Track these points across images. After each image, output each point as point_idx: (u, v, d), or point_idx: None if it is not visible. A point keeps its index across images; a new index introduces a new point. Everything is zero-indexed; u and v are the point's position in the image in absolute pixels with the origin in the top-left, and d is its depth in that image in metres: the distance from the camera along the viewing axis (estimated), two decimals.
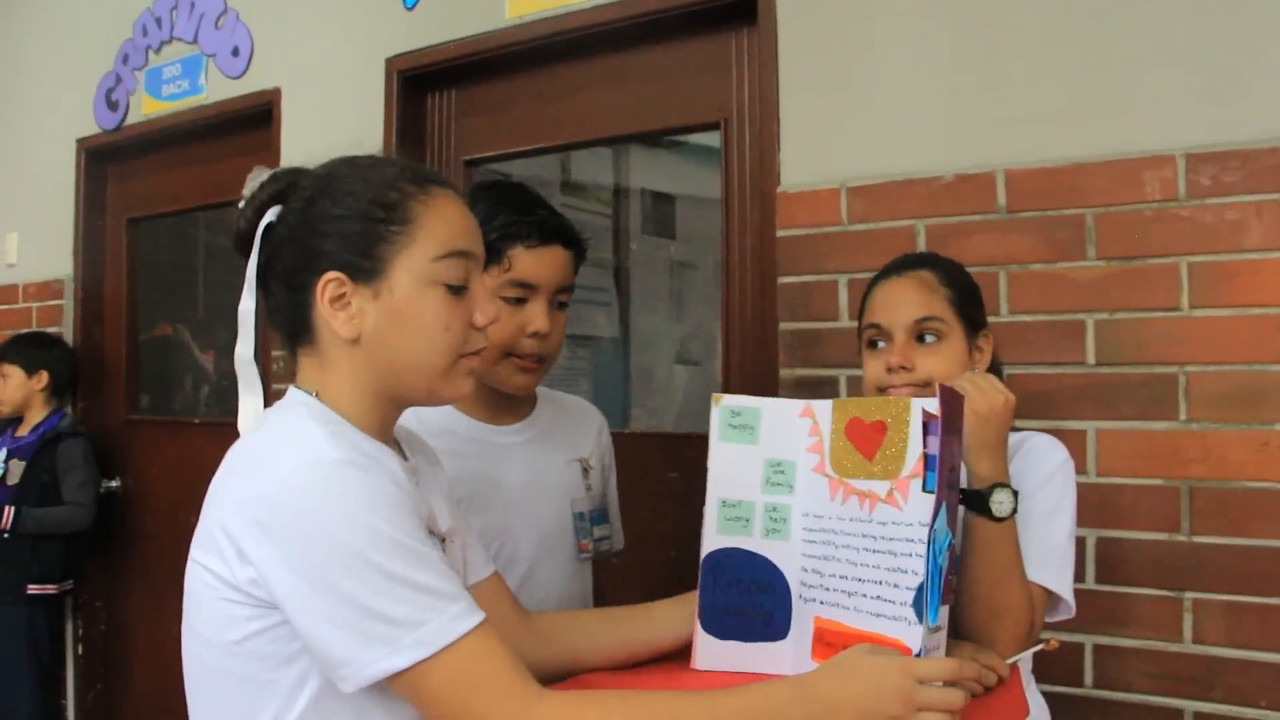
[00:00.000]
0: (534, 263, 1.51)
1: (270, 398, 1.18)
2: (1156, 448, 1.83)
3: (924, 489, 1.11)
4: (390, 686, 0.98)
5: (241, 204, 1.15)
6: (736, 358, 2.33)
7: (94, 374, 3.68)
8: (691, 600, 1.31)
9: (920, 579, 1.09)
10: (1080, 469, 1.81)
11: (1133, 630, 1.84)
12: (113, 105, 3.53)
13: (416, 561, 0.98)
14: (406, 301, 1.09)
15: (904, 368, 1.44)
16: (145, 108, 3.44)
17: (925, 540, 1.10)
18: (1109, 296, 1.86)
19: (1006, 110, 1.96)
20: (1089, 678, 1.87)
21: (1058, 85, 1.92)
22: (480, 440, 1.60)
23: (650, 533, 2.39)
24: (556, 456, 1.68)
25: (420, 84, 2.80)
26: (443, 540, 1.18)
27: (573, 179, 3.69)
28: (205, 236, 3.90)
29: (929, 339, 1.45)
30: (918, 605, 1.09)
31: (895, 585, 1.15)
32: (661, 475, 2.44)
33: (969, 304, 1.50)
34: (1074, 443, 1.82)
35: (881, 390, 1.46)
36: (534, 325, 1.51)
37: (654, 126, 2.52)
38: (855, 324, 1.99)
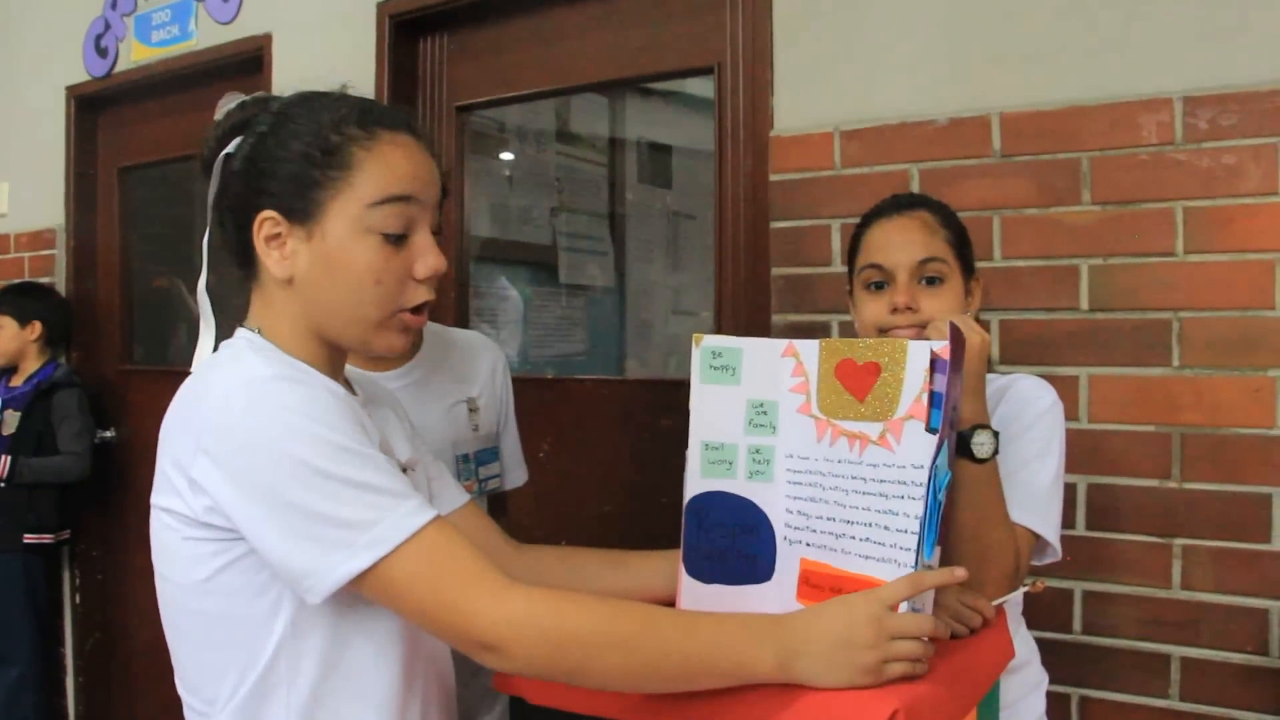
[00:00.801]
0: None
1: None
2: (1149, 394, 1.82)
3: (928, 428, 1.10)
4: (359, 591, 0.98)
5: (208, 131, 1.14)
6: (728, 303, 2.32)
7: (88, 324, 3.67)
8: None
9: (917, 520, 1.09)
10: (1072, 415, 1.82)
11: (1122, 576, 1.85)
12: (102, 52, 3.49)
13: (362, 463, 0.98)
14: (338, 248, 1.07)
15: (910, 308, 1.41)
16: (135, 54, 3.40)
17: (923, 483, 1.09)
18: (1103, 241, 1.84)
19: (1001, 52, 1.93)
20: (1078, 623, 1.88)
21: (1053, 27, 1.88)
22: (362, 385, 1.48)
23: (644, 481, 2.40)
24: (437, 401, 1.65)
25: (412, 28, 2.76)
26: (403, 470, 1.16)
27: (569, 128, 3.66)
28: (200, 187, 3.87)
29: (934, 281, 1.43)
30: (918, 547, 1.08)
31: (886, 528, 1.14)
32: (654, 423, 2.43)
33: (964, 246, 1.49)
34: (1066, 388, 1.82)
35: (882, 331, 1.44)
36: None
37: (647, 71, 2.48)
38: (846, 269, 1.99)
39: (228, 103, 1.14)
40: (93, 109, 3.64)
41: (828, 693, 1.00)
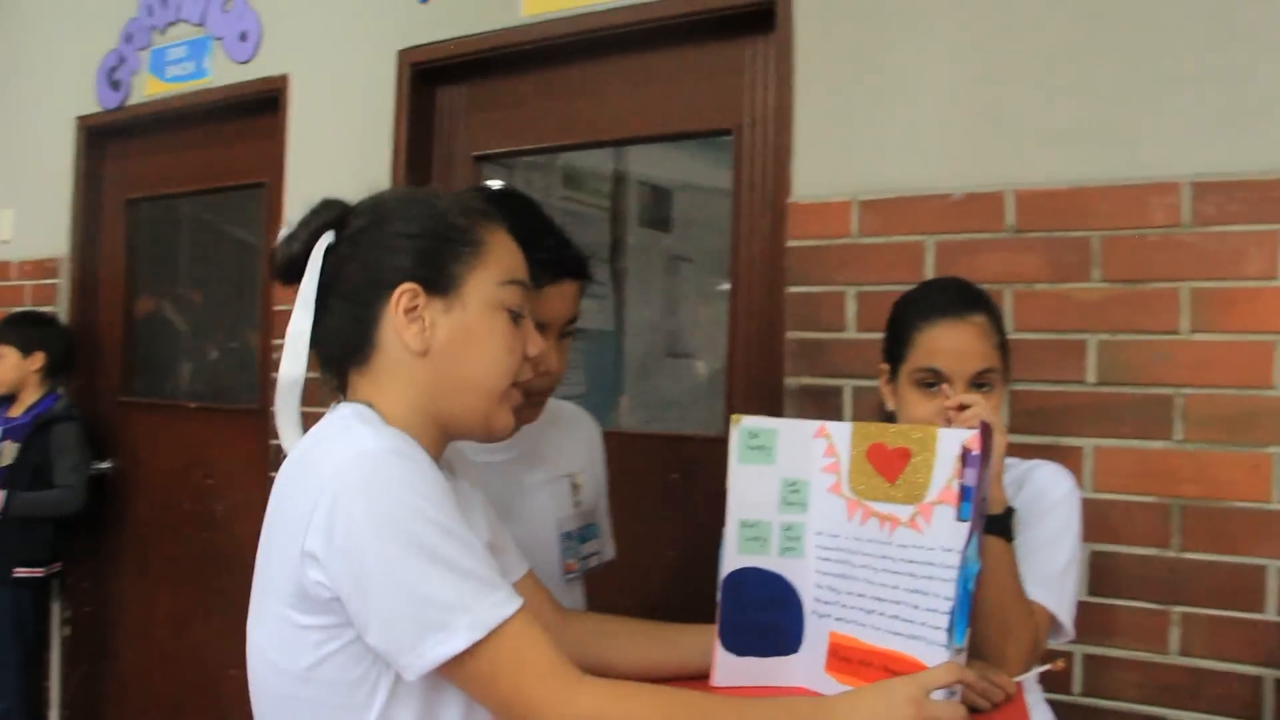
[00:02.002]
0: (545, 300, 1.42)
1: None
2: (1151, 466, 1.89)
3: (959, 518, 1.16)
4: (444, 674, 1.03)
5: (287, 231, 1.19)
6: (741, 364, 2.38)
7: (88, 354, 3.68)
8: None
9: (951, 603, 1.15)
10: (1077, 484, 1.88)
11: (1121, 641, 1.91)
12: (115, 85, 3.52)
13: (461, 547, 1.03)
14: (478, 319, 1.15)
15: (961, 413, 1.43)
16: (149, 89, 3.43)
17: (955, 565, 1.15)
18: (1111, 318, 1.91)
19: (1018, 130, 2.00)
20: (1078, 686, 1.94)
21: (1068, 107, 1.96)
22: (464, 459, 1.46)
23: (649, 534, 2.43)
24: (541, 475, 1.64)
25: (432, 77, 2.81)
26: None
27: (574, 171, 3.72)
28: (194, 215, 3.87)
29: (984, 388, 1.47)
30: (949, 629, 1.14)
31: (915, 606, 1.20)
32: (661, 476, 2.48)
33: (1007, 350, 1.54)
34: (1072, 459, 1.90)
35: None
36: (544, 363, 1.34)
37: (666, 131, 2.54)
38: (862, 336, 2.05)
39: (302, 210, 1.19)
40: (102, 140, 3.67)
41: None
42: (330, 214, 1.18)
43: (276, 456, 2.89)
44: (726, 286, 2.96)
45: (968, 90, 2.06)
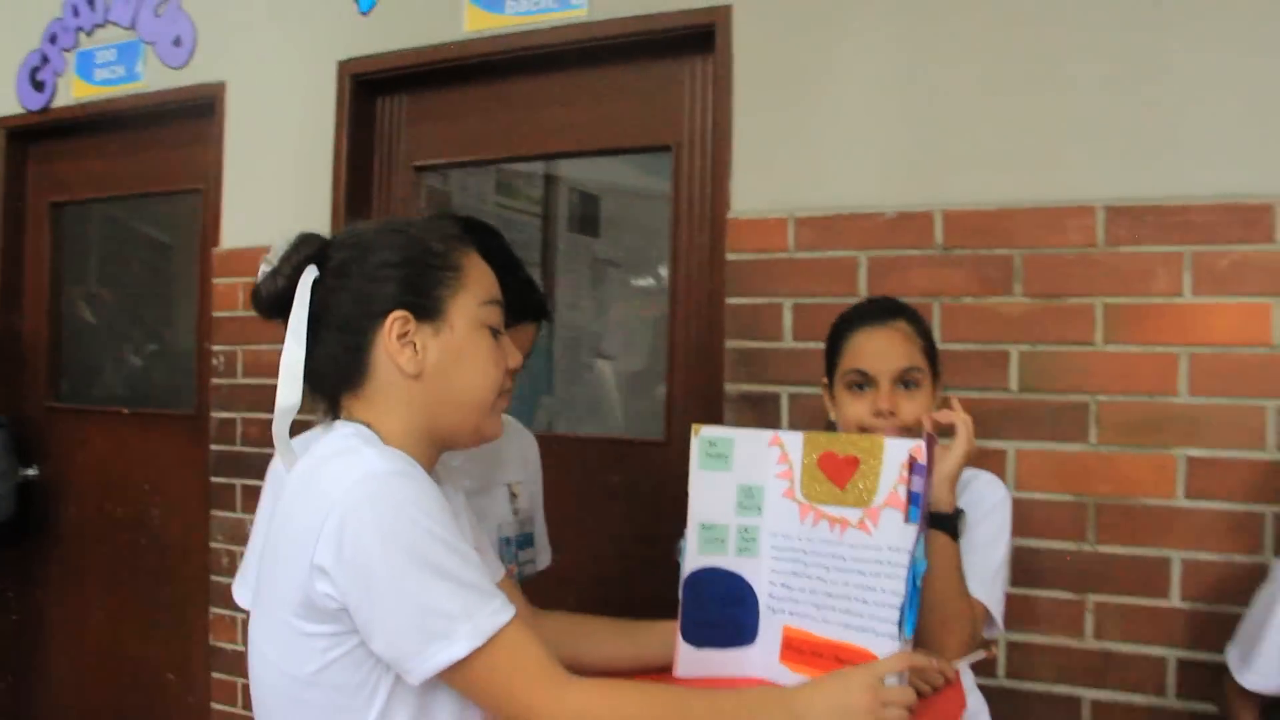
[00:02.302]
0: (520, 335, 1.54)
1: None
2: (1068, 467, 2.04)
3: (907, 521, 1.27)
4: (445, 679, 1.10)
5: (268, 268, 1.23)
6: (681, 371, 2.47)
7: (13, 358, 3.62)
8: None
9: (900, 598, 1.25)
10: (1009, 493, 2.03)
11: (1042, 627, 2.06)
12: (38, 86, 3.47)
13: (461, 560, 1.10)
14: (465, 339, 1.22)
15: (892, 413, 1.57)
16: (75, 91, 3.39)
17: (904, 564, 1.26)
18: (1032, 330, 2.06)
19: (947, 154, 2.14)
20: (1003, 670, 2.08)
21: (995, 134, 2.10)
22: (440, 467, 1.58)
23: (591, 534, 2.51)
24: (481, 484, 1.73)
25: (372, 88, 2.85)
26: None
27: (507, 180, 3.78)
28: (106, 214, 3.81)
29: (911, 386, 1.60)
30: (900, 622, 1.25)
31: (864, 601, 1.31)
32: (601, 479, 2.56)
33: (934, 352, 1.66)
34: (996, 460, 2.04)
35: (863, 429, 1.59)
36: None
37: (605, 146, 2.61)
38: (799, 345, 2.15)
39: (280, 246, 1.24)
40: (24, 142, 3.61)
41: None
42: (310, 249, 1.23)
43: (217, 462, 2.92)
44: (646, 283, 3.06)
45: (900, 114, 2.18)
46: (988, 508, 1.63)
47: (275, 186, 2.93)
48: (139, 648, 3.30)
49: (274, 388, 2.86)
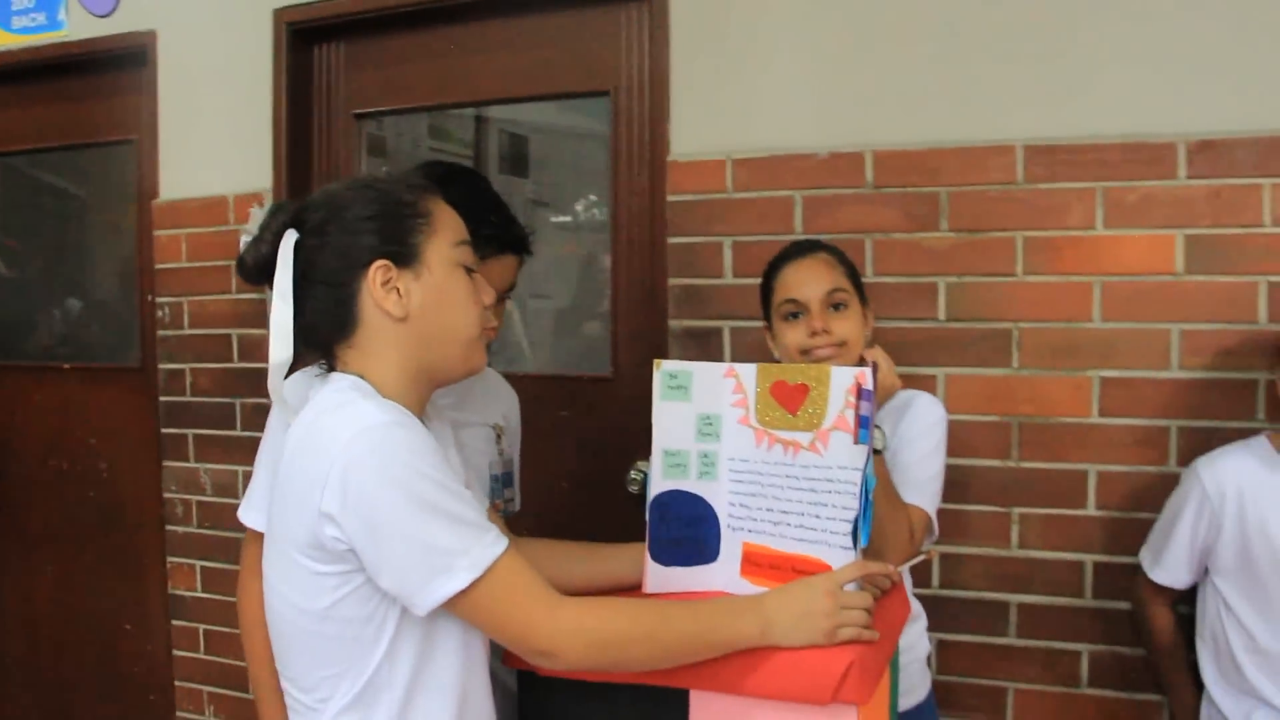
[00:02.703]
0: (487, 270, 1.57)
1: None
2: (993, 390, 2.19)
3: (857, 442, 1.38)
4: (448, 608, 1.20)
5: (249, 237, 1.32)
6: (625, 309, 2.56)
7: None
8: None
9: (853, 512, 1.38)
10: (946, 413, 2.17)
11: (971, 539, 2.22)
12: None
13: (457, 500, 1.20)
14: (443, 280, 1.31)
15: (825, 331, 1.73)
16: None
17: (856, 481, 1.38)
18: (958, 263, 2.20)
19: (877, 97, 2.24)
20: (936, 580, 2.25)
21: (921, 77, 2.21)
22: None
23: (547, 465, 2.60)
24: (472, 423, 1.83)
25: (308, 36, 2.85)
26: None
27: (440, 124, 3.81)
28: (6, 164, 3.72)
29: (839, 308, 1.76)
30: (853, 534, 1.37)
31: (817, 516, 1.42)
32: (552, 414, 2.65)
33: (857, 278, 1.83)
34: (926, 385, 2.18)
35: (804, 353, 1.75)
36: (486, 298, 1.50)
37: (543, 91, 2.68)
38: (738, 281, 2.27)
39: (258, 213, 1.31)
40: None
41: (799, 651, 1.30)
42: (287, 214, 1.31)
43: (168, 413, 2.96)
44: (575, 220, 3.14)
45: (832, 58, 2.28)
46: (927, 425, 1.78)
47: (213, 137, 2.93)
48: (94, 601, 3.33)
49: (222, 337, 2.93)
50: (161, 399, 3.03)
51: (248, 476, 2.75)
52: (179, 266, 2.97)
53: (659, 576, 1.53)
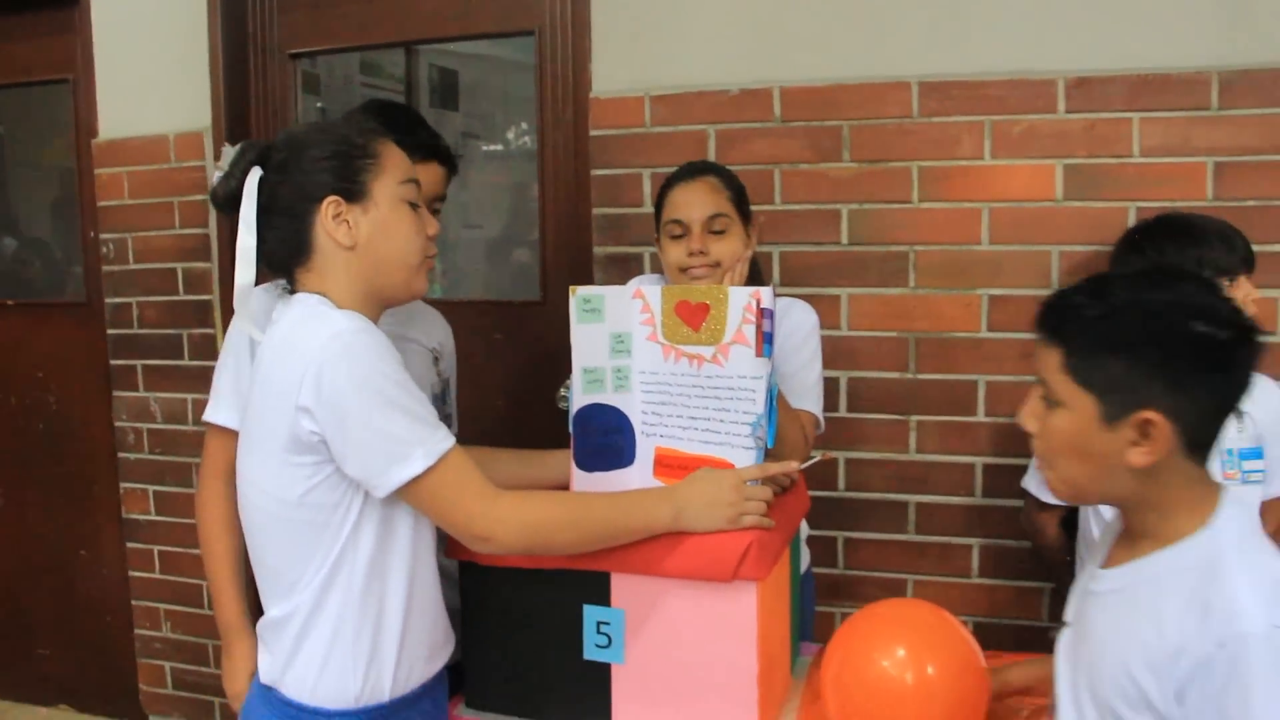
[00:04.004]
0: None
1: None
2: (892, 309, 2.37)
3: (759, 355, 1.53)
4: (402, 495, 1.37)
5: (220, 174, 1.45)
6: (552, 238, 2.71)
7: None
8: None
9: (754, 416, 1.54)
10: (835, 325, 2.36)
11: (873, 446, 2.42)
12: None
13: (413, 400, 1.36)
14: (389, 213, 1.46)
15: (702, 252, 1.88)
16: None
17: (756, 390, 1.53)
18: (859, 191, 2.37)
19: (784, 36, 2.38)
20: (842, 483, 2.45)
21: (825, 19, 2.36)
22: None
23: (483, 384, 2.75)
24: (412, 346, 1.99)
25: None
26: None
27: (371, 59, 3.87)
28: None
29: (719, 232, 1.90)
30: (756, 433, 1.53)
31: (721, 421, 1.57)
32: (486, 337, 2.80)
33: (743, 201, 1.96)
34: (830, 305, 2.35)
35: (683, 270, 1.90)
36: (430, 230, 1.75)
37: (471, 31, 2.78)
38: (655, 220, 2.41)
39: (229, 152, 1.45)
40: None
41: (705, 536, 1.48)
42: (254, 153, 1.45)
43: (116, 345, 3.05)
44: (503, 149, 3.25)
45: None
46: (805, 332, 1.96)
47: (151, 77, 3.00)
48: (48, 528, 3.44)
49: (168, 271, 3.03)
50: (110, 332, 3.12)
51: (196, 404, 2.94)
52: (122, 204, 3.05)
53: (584, 481, 1.68)
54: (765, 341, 1.54)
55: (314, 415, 1.33)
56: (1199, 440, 1.15)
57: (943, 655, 1.44)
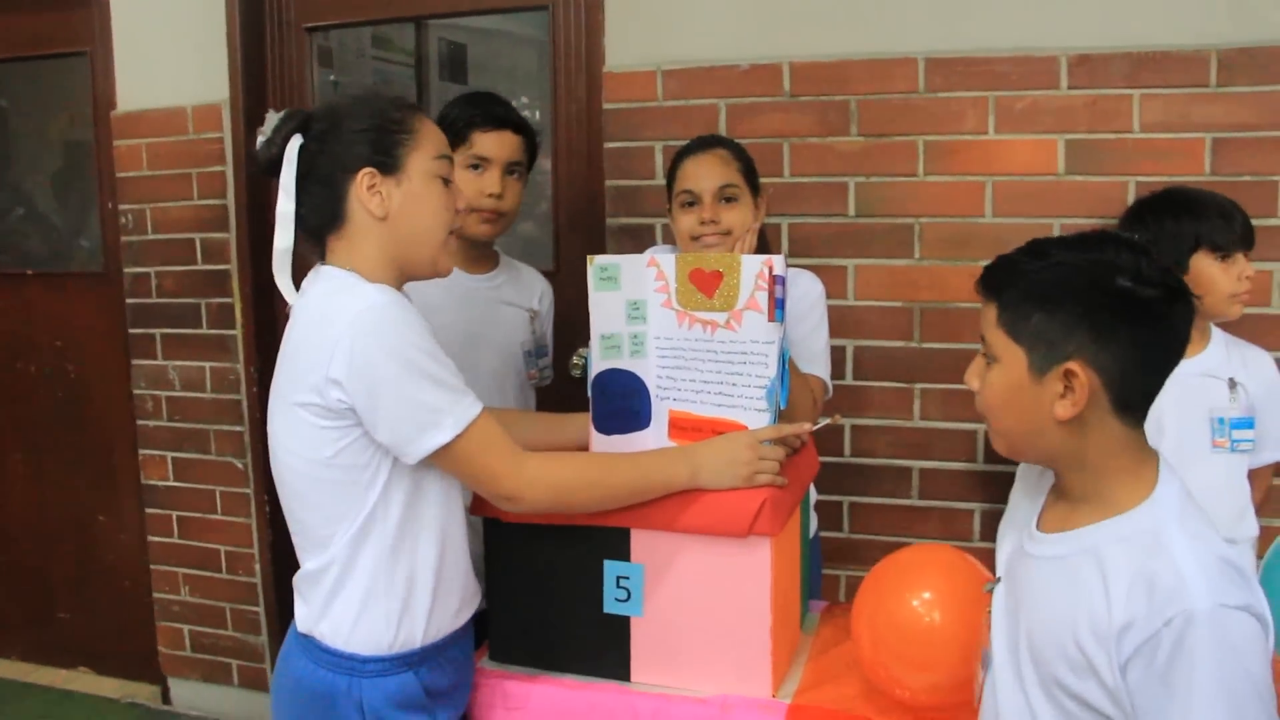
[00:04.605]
0: (489, 142, 2.02)
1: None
2: (898, 279, 2.43)
3: (772, 320, 1.58)
4: (433, 459, 1.43)
5: (263, 139, 1.51)
6: (565, 209, 2.77)
7: None
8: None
9: (768, 380, 1.60)
10: (842, 295, 2.43)
11: (878, 412, 2.49)
12: None
13: (442, 368, 1.43)
14: (421, 187, 1.52)
15: (713, 221, 1.94)
16: None
17: (769, 354, 1.59)
18: (866, 164, 2.42)
19: (793, 12, 2.44)
20: (848, 449, 2.52)
21: None
22: (460, 285, 2.06)
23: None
24: (510, 305, 2.15)
25: None
26: None
27: (382, 33, 3.92)
28: None
29: (730, 200, 1.96)
30: (770, 396, 1.60)
31: (734, 384, 1.63)
32: None
33: (752, 174, 2.02)
34: (837, 275, 2.42)
35: (694, 238, 1.96)
36: (489, 189, 2.02)
37: (486, 6, 2.84)
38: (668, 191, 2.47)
39: (272, 118, 1.51)
40: None
41: (722, 492, 1.55)
42: (296, 122, 1.51)
43: (135, 314, 3.11)
44: None
45: None
46: (812, 300, 2.03)
47: (168, 51, 3.04)
48: (67, 494, 3.51)
49: (186, 242, 3.10)
50: (128, 301, 3.18)
51: (214, 372, 3.01)
52: (140, 175, 3.11)
53: (602, 444, 1.74)
54: (777, 307, 1.59)
55: (344, 387, 1.39)
56: (1127, 398, 1.19)
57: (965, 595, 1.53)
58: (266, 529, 3.10)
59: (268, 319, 3.05)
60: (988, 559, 2.42)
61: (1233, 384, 2.04)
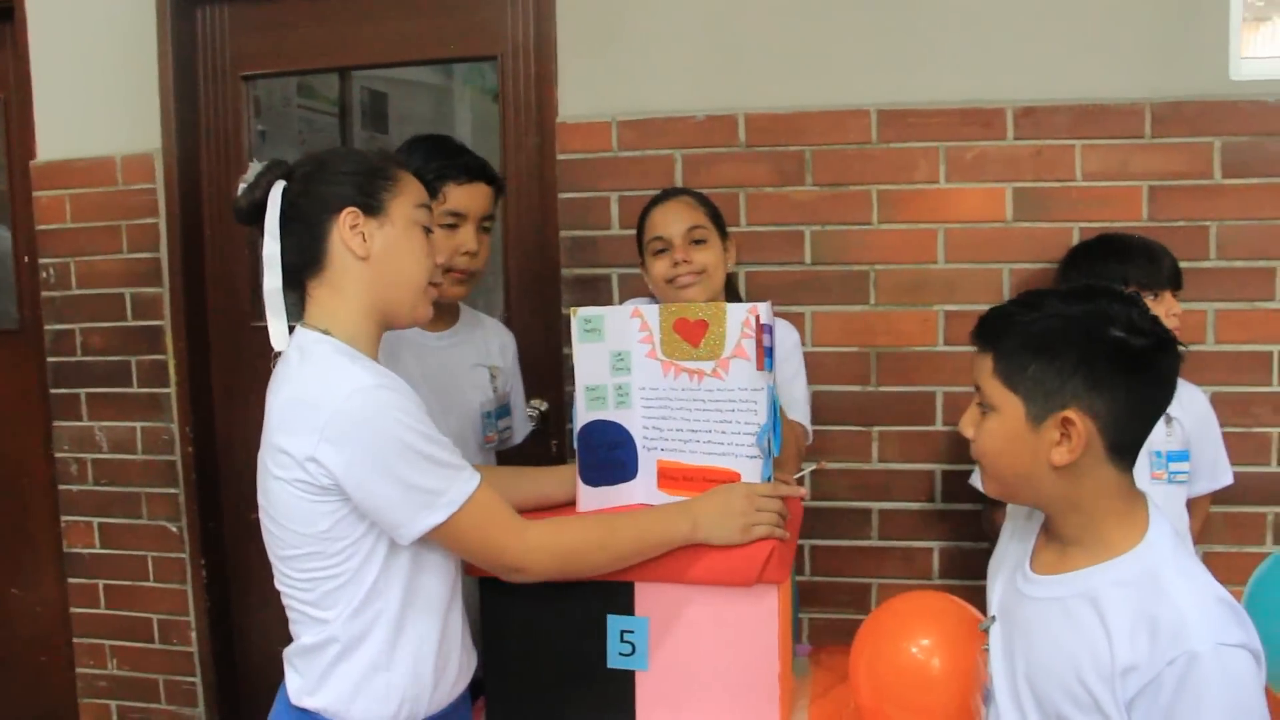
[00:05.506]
0: (463, 196, 1.91)
1: None
2: (854, 325, 2.49)
3: (761, 369, 1.60)
4: (430, 536, 1.40)
5: (245, 185, 1.48)
6: (516, 259, 2.74)
7: None
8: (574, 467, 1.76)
9: (757, 427, 1.61)
10: (801, 342, 2.44)
11: (838, 456, 2.52)
12: None
13: (437, 446, 1.39)
14: (403, 232, 1.50)
15: (686, 261, 1.98)
16: None
17: (759, 401, 1.60)
18: (821, 213, 2.48)
19: (748, 64, 2.49)
20: (810, 493, 2.51)
21: (788, 47, 2.46)
22: (416, 344, 1.96)
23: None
24: (469, 362, 2.07)
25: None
26: None
27: (308, 82, 3.86)
28: None
29: (699, 242, 2.00)
30: (762, 442, 1.60)
31: (723, 433, 1.64)
32: None
33: (718, 218, 2.08)
34: (795, 322, 2.45)
35: (669, 281, 1.99)
36: (466, 246, 1.92)
37: (430, 56, 2.80)
38: (625, 232, 2.50)
39: (255, 166, 1.48)
40: None
41: (725, 548, 1.54)
42: (280, 169, 1.49)
43: (57, 374, 2.98)
44: None
45: (706, 27, 2.51)
46: (789, 348, 2.08)
47: (94, 98, 2.93)
48: None
49: (115, 297, 2.98)
50: (49, 359, 3.03)
51: (147, 432, 2.88)
52: (64, 228, 2.98)
53: (589, 496, 1.73)
54: (766, 355, 1.60)
55: (330, 469, 1.35)
56: (1120, 443, 1.25)
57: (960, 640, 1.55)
58: (203, 595, 2.97)
59: (203, 376, 2.95)
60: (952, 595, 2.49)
61: (1169, 419, 2.12)
